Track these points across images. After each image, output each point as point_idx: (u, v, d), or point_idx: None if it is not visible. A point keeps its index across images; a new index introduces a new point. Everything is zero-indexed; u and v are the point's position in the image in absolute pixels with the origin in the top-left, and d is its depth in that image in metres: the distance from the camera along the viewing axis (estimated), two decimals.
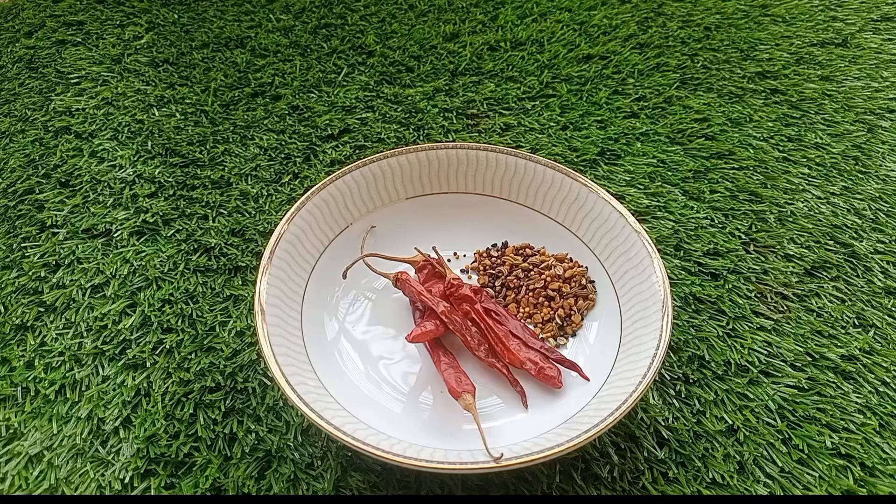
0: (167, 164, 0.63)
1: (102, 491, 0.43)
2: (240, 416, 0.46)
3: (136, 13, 0.81)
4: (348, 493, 0.43)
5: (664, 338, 0.43)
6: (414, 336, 0.45)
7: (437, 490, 0.43)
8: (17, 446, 0.45)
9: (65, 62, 0.74)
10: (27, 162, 0.64)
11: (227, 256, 0.56)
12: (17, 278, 0.55)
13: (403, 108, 0.69)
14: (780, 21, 0.81)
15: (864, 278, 0.55)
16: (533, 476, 0.44)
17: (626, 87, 0.72)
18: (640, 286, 0.47)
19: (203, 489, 0.43)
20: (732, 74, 0.74)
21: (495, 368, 0.47)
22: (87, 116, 0.68)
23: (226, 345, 0.50)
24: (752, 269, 0.56)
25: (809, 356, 0.50)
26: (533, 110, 0.69)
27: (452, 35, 0.78)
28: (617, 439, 0.46)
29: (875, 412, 0.47)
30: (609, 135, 0.66)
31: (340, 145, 0.65)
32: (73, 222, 0.58)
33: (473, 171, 0.55)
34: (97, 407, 0.47)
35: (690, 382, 0.49)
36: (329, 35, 0.78)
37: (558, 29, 0.79)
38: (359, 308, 0.51)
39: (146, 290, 0.54)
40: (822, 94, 0.71)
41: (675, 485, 0.44)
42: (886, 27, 0.80)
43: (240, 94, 0.70)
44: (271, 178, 0.62)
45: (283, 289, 0.47)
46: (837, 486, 0.44)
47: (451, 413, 0.45)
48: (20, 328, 0.52)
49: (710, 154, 0.65)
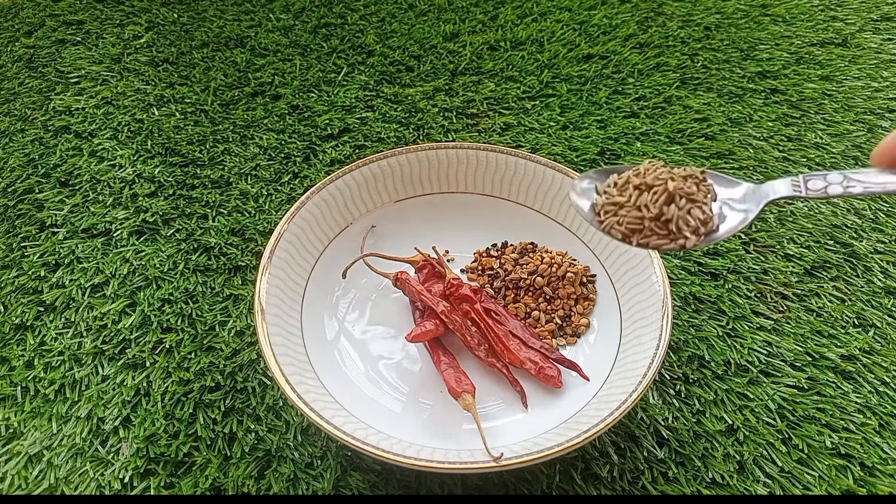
0: (167, 164, 0.63)
1: (102, 491, 0.43)
2: (239, 415, 0.46)
3: (136, 12, 0.81)
4: (348, 493, 0.43)
5: (664, 338, 0.43)
6: (414, 336, 0.45)
7: (437, 490, 0.43)
8: (16, 446, 0.45)
9: (64, 61, 0.74)
10: (27, 161, 0.64)
11: (226, 256, 0.56)
12: (17, 278, 0.55)
13: (403, 108, 0.69)
14: (780, 21, 0.81)
15: (863, 278, 0.55)
16: (533, 476, 0.44)
17: (626, 87, 0.72)
18: (640, 286, 0.47)
19: (203, 489, 0.43)
20: (732, 74, 0.74)
21: (495, 368, 0.47)
22: (86, 116, 0.68)
23: (225, 344, 0.50)
24: (752, 269, 0.56)
25: (809, 356, 0.50)
26: (533, 110, 0.69)
27: (452, 35, 0.78)
28: (617, 439, 0.46)
29: (875, 412, 0.47)
30: (609, 134, 0.66)
31: (340, 145, 0.65)
32: (73, 222, 0.58)
33: (473, 171, 0.55)
34: (97, 406, 0.47)
35: (690, 382, 0.49)
36: (329, 35, 0.78)
37: (558, 28, 0.79)
38: (359, 308, 0.51)
39: (146, 289, 0.54)
40: (822, 94, 0.71)
41: (675, 485, 0.44)
42: (886, 27, 0.80)
43: (239, 94, 0.70)
44: (271, 177, 0.62)
45: (282, 288, 0.47)
46: (837, 485, 0.44)
47: (451, 413, 0.45)
48: (20, 328, 0.51)
49: (710, 154, 0.65)
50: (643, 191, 0.35)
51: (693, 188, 0.35)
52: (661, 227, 0.35)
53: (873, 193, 0.30)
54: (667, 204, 0.35)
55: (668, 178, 0.35)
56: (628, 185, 0.36)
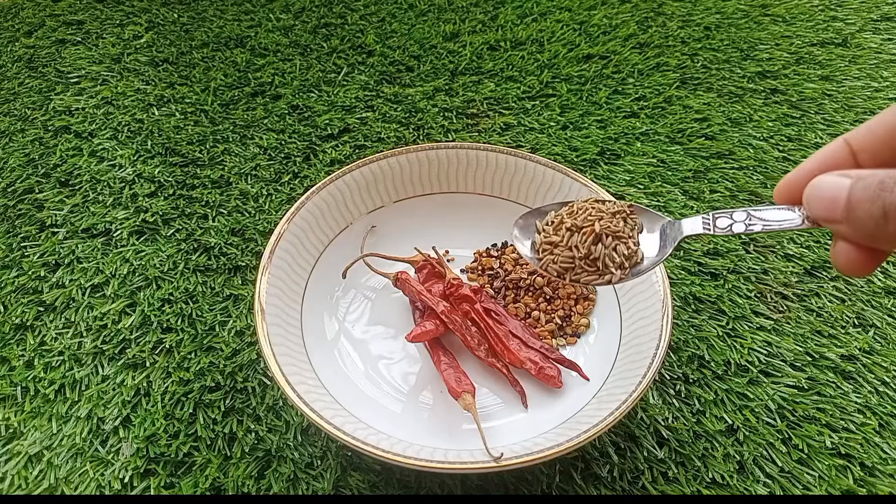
0: (167, 164, 0.63)
1: (102, 491, 0.43)
2: (239, 415, 0.46)
3: (136, 12, 0.81)
4: (348, 493, 0.43)
5: (664, 338, 0.43)
6: (414, 336, 0.45)
7: (437, 490, 0.43)
8: (16, 446, 0.45)
9: (64, 61, 0.74)
10: (27, 161, 0.64)
11: (226, 256, 0.56)
12: (17, 278, 0.55)
13: (403, 108, 0.69)
14: (780, 21, 0.81)
15: (863, 278, 0.55)
16: (533, 476, 0.44)
17: (626, 87, 0.72)
18: (640, 286, 0.47)
19: (203, 489, 0.43)
20: (732, 74, 0.74)
21: (495, 368, 0.47)
22: (86, 116, 0.68)
23: (225, 344, 0.50)
24: (752, 269, 0.56)
25: (809, 356, 0.50)
26: (533, 110, 0.69)
27: (452, 35, 0.78)
28: (617, 439, 0.46)
29: (875, 412, 0.47)
30: (609, 134, 0.66)
31: (340, 145, 0.65)
32: (73, 222, 0.58)
33: (473, 171, 0.55)
34: (97, 406, 0.47)
35: (690, 382, 0.49)
36: (329, 34, 0.78)
37: (558, 28, 0.79)
38: (359, 308, 0.51)
39: (146, 289, 0.54)
40: (822, 94, 0.71)
41: (675, 484, 0.44)
42: (886, 27, 0.80)
43: (239, 94, 0.70)
44: (271, 177, 0.62)
45: (282, 288, 0.47)
46: (837, 485, 0.44)
47: (451, 413, 0.45)
48: (20, 328, 0.51)
49: (709, 154, 0.65)
50: (574, 232, 0.39)
51: (620, 224, 0.39)
52: (591, 264, 0.39)
53: (772, 230, 0.31)
54: (594, 244, 0.39)
55: (595, 220, 0.39)
56: (562, 225, 0.40)
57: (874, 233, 0.24)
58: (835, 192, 0.24)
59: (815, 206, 0.25)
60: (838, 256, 0.26)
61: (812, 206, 0.26)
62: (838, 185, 0.24)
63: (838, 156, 0.27)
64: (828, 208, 0.25)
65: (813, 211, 0.26)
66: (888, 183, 0.23)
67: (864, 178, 0.24)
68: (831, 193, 0.24)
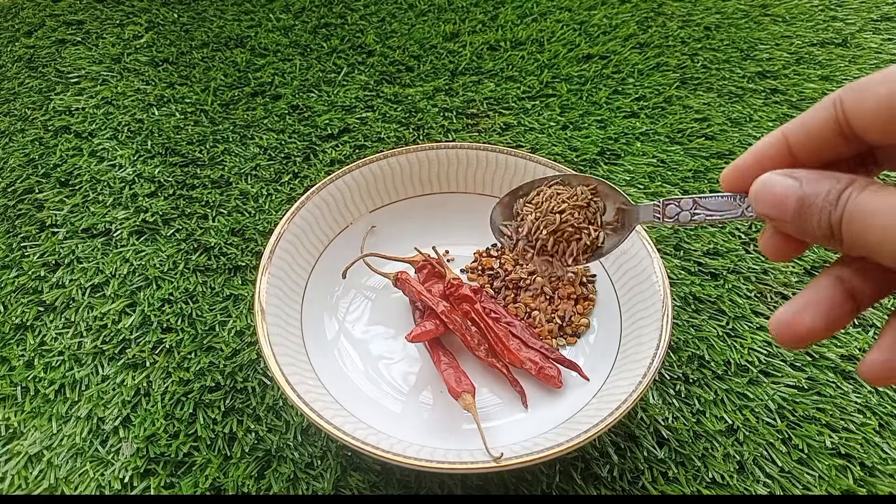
0: (167, 164, 0.63)
1: (102, 490, 0.43)
2: (239, 415, 0.46)
3: (136, 12, 0.81)
4: (348, 493, 0.43)
5: (664, 338, 0.43)
6: (414, 336, 0.45)
7: (437, 490, 0.43)
8: (16, 446, 0.45)
9: (64, 61, 0.74)
10: (27, 161, 0.64)
11: (226, 256, 0.56)
12: (17, 278, 0.55)
13: (403, 108, 0.69)
14: (780, 21, 0.81)
15: None
16: (533, 476, 0.44)
17: (626, 87, 0.72)
18: (640, 286, 0.47)
19: (203, 489, 0.43)
20: (732, 74, 0.74)
21: (495, 368, 0.47)
22: (86, 116, 0.68)
23: (225, 344, 0.50)
24: (752, 269, 0.56)
25: (809, 356, 0.50)
26: (533, 110, 0.69)
27: (452, 35, 0.78)
28: (617, 439, 0.46)
29: (875, 412, 0.47)
30: (609, 134, 0.66)
31: (340, 145, 0.65)
32: (73, 222, 0.58)
33: (473, 171, 0.55)
34: (97, 406, 0.47)
35: (690, 382, 0.49)
36: (329, 34, 0.78)
37: (558, 28, 0.79)
38: (359, 308, 0.51)
39: (146, 289, 0.54)
40: (822, 94, 0.71)
41: (675, 484, 0.44)
42: (886, 27, 0.80)
43: (239, 94, 0.70)
44: (271, 177, 0.62)
45: (282, 288, 0.47)
46: (837, 485, 0.44)
47: (451, 413, 0.45)
48: (20, 328, 0.51)
49: (709, 154, 0.65)
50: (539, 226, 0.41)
51: (580, 217, 0.40)
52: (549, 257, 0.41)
53: (715, 221, 0.31)
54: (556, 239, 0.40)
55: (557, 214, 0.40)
56: (527, 217, 0.42)
57: (818, 237, 0.25)
58: (784, 194, 0.25)
59: (763, 204, 0.26)
60: (768, 244, 0.27)
61: (760, 203, 0.26)
62: (787, 187, 0.25)
63: (777, 147, 0.27)
64: (777, 209, 0.25)
65: (761, 208, 0.26)
66: (832, 196, 0.24)
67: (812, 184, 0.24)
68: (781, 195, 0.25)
